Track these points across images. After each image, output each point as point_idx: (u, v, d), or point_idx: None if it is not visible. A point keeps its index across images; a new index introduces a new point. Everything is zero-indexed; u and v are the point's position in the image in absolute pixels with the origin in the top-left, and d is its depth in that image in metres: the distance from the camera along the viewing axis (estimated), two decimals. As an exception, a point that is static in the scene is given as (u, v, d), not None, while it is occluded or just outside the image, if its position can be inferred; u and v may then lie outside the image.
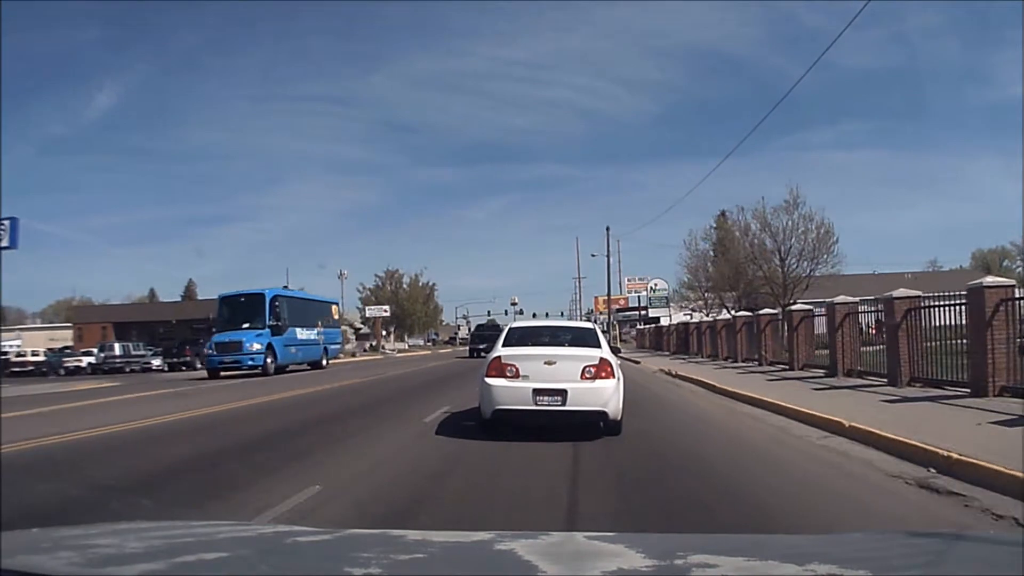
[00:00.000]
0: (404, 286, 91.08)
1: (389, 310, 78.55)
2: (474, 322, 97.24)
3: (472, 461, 7.27)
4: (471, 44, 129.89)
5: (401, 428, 10.08)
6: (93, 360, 43.12)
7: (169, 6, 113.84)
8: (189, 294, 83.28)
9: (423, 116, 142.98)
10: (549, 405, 8.15)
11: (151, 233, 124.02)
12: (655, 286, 53.02)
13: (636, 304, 62.32)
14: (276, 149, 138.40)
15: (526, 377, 8.30)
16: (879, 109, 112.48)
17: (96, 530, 2.27)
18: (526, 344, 9.10)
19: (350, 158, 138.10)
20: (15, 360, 45.92)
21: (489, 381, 8.43)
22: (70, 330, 66.30)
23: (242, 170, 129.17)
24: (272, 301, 28.32)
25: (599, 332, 9.85)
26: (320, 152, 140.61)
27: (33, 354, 48.27)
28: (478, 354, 36.52)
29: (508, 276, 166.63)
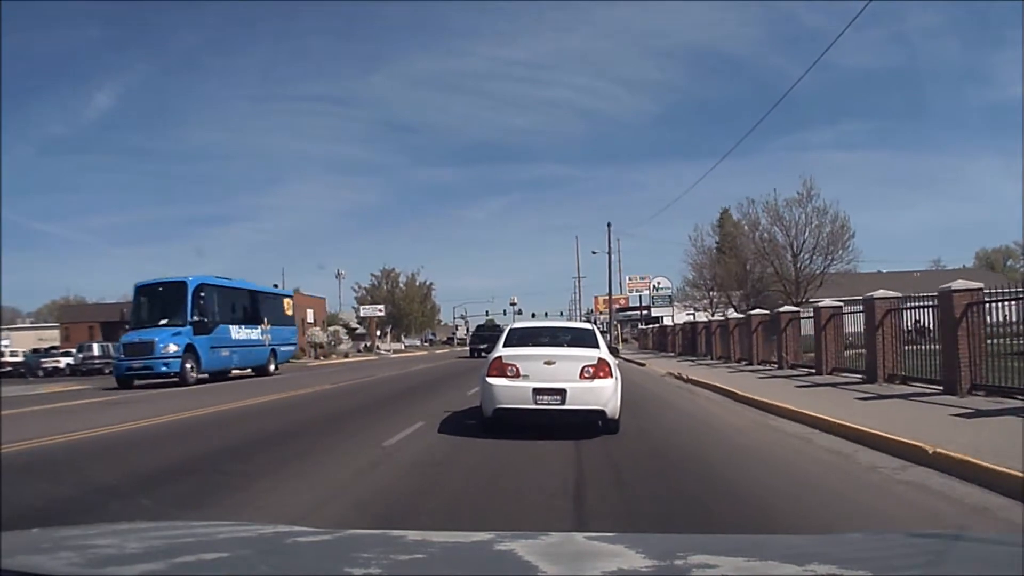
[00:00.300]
0: (400, 285, 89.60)
1: (384, 310, 77.06)
2: (472, 322, 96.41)
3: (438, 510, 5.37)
4: (471, 44, 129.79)
5: (338, 464, 7.15)
6: (72, 361, 41.14)
7: (169, 6, 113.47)
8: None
9: (423, 116, 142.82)
10: (549, 404, 8.30)
11: (151, 233, 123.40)
12: (658, 284, 51.06)
13: (637, 304, 60.65)
14: (276, 149, 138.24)
15: (526, 377, 8.44)
16: (879, 109, 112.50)
17: (96, 530, 2.27)
18: (526, 344, 9.22)
19: (350, 158, 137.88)
20: (-3, 361, 44.01)
21: (490, 380, 8.58)
22: (58, 330, 64.22)
23: (242, 170, 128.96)
24: (196, 291, 23.03)
25: (597, 333, 9.96)
26: (320, 152, 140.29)
27: (12, 354, 46.37)
28: (478, 354, 36.25)
29: (507, 276, 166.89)
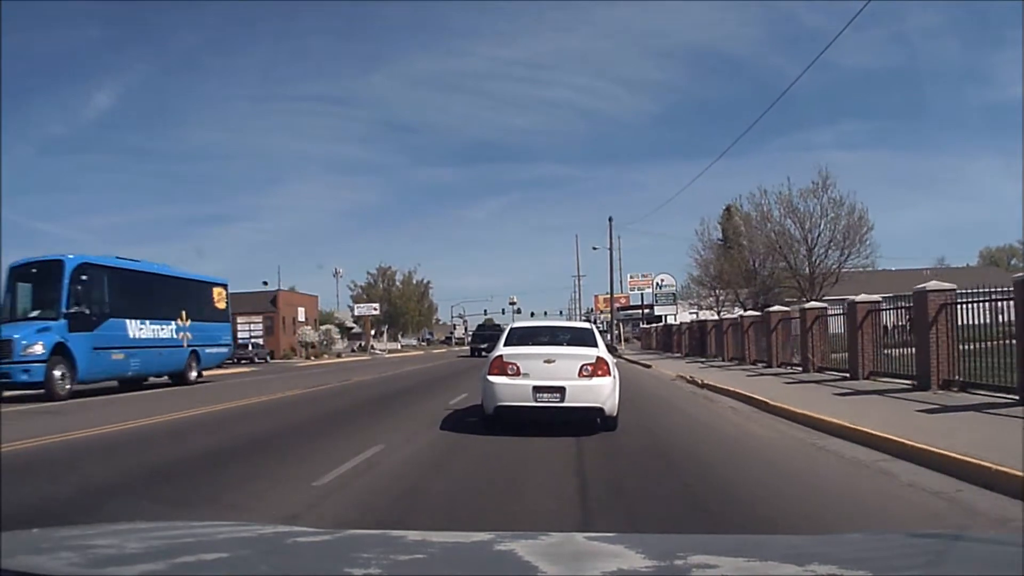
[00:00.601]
0: (397, 284, 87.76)
1: (380, 308, 75.24)
2: (471, 321, 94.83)
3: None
4: (471, 44, 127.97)
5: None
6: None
7: (169, 6, 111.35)
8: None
9: (423, 116, 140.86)
10: (548, 402, 8.51)
11: (151, 233, 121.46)
12: (661, 282, 48.99)
13: (639, 302, 58.88)
14: (276, 149, 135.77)
15: (527, 375, 8.66)
16: (879, 109, 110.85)
17: (96, 530, 2.25)
18: (526, 343, 9.44)
19: (350, 158, 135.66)
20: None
21: (491, 379, 8.80)
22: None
23: (242, 170, 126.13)
24: (76, 273, 17.25)
25: (596, 332, 10.13)
26: (320, 152, 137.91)
27: None
28: (479, 353, 35.87)
29: (506, 275, 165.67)
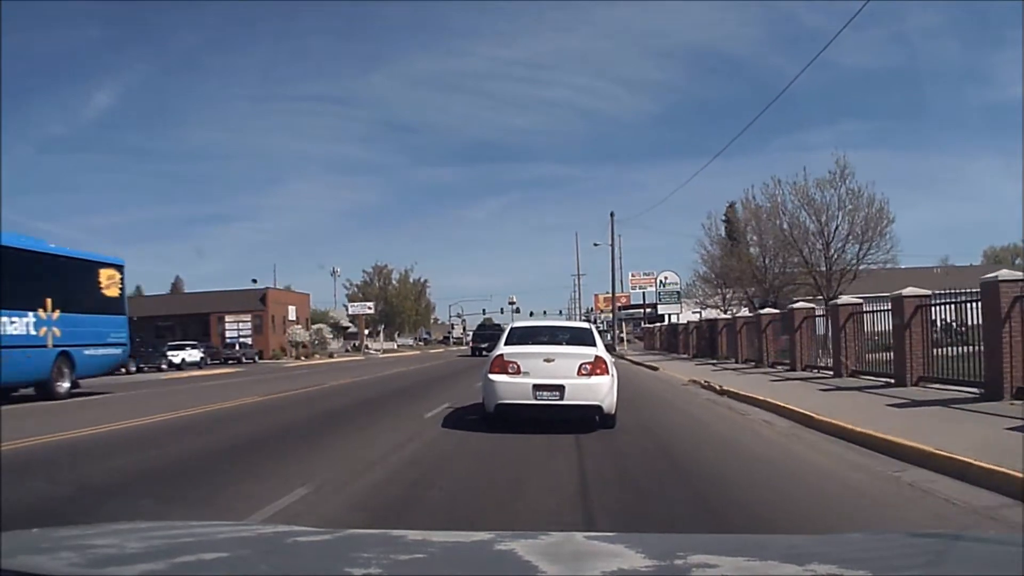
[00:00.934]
0: (393, 282, 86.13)
1: (375, 307, 73.64)
2: (469, 321, 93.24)
3: None
4: (471, 44, 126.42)
5: None
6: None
7: (169, 6, 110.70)
8: (176, 290, 78.48)
9: (423, 116, 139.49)
10: (548, 400, 8.80)
11: (151, 233, 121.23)
12: (665, 280, 47.25)
13: (640, 301, 57.14)
14: (276, 149, 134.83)
15: (527, 373, 8.95)
16: (879, 109, 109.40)
17: (96, 530, 2.24)
18: (527, 343, 9.71)
19: (350, 158, 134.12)
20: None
21: (492, 377, 9.11)
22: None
23: (242, 170, 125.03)
24: None
25: (595, 332, 10.37)
26: (320, 152, 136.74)
27: None
28: (479, 353, 36.03)
29: (505, 275, 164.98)
